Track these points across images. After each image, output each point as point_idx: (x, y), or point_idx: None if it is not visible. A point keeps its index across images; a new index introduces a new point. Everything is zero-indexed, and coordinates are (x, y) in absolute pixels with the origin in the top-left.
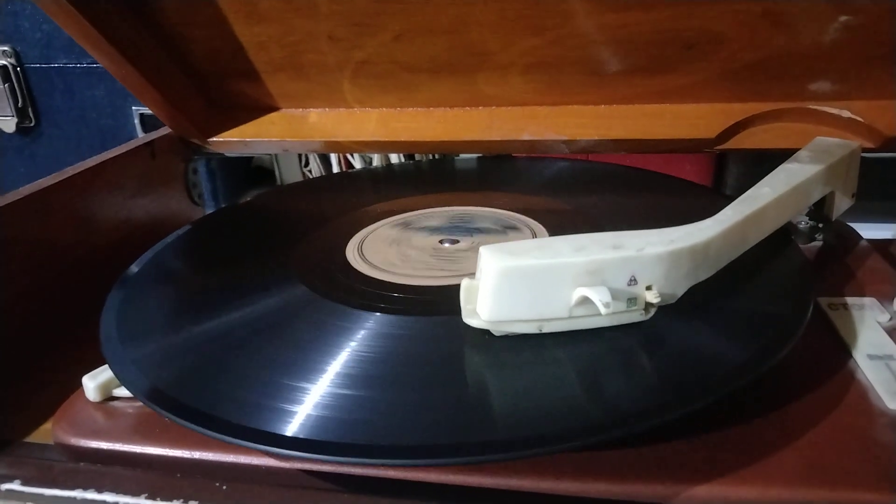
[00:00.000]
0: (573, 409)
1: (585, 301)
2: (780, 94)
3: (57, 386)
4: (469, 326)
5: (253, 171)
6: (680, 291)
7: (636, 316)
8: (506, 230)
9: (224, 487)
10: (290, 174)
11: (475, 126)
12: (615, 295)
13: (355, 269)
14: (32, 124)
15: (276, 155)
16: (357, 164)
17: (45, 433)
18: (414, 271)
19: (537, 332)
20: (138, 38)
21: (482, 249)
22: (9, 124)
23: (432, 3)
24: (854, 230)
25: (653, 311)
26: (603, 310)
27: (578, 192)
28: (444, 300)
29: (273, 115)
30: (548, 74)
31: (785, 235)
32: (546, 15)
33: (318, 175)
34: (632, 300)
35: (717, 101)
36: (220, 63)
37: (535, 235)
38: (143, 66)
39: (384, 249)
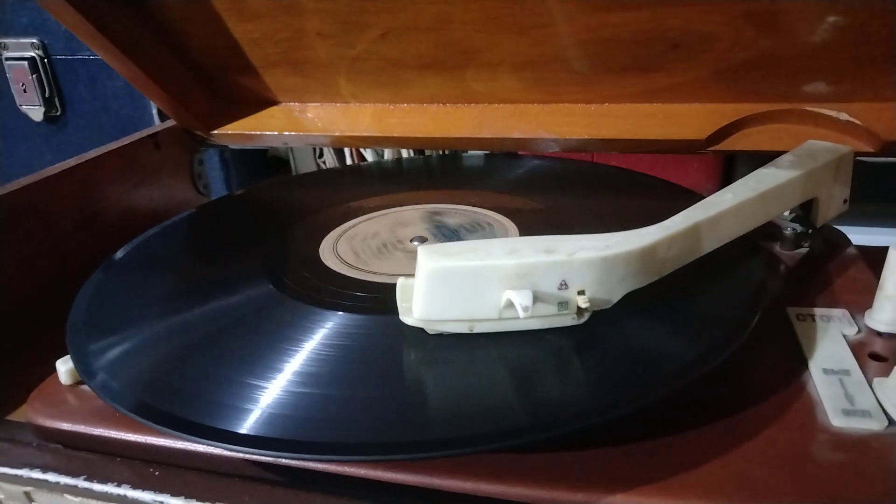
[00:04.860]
0: (494, 411)
1: (512, 303)
2: (774, 95)
3: (48, 367)
4: (409, 325)
5: (269, 161)
6: (615, 297)
7: (568, 320)
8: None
9: (157, 473)
10: (304, 165)
11: (466, 123)
12: (545, 298)
13: (325, 266)
14: (59, 113)
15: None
16: (369, 156)
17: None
18: (389, 269)
19: (469, 331)
20: (137, 33)
21: (419, 249)
22: (37, 113)
23: (413, 1)
24: (845, 236)
25: (587, 316)
26: (521, 313)
27: (570, 193)
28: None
29: (273, 108)
30: (536, 73)
31: (749, 242)
32: (528, 14)
33: (332, 166)
34: (563, 304)
35: (710, 102)
36: (219, 58)
37: None
38: (143, 61)
39: (360, 247)
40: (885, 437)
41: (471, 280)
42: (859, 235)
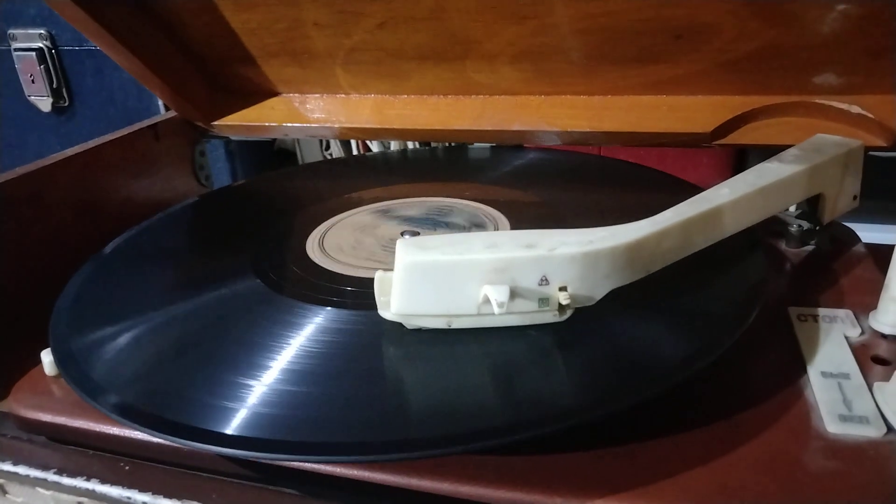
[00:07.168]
0: (474, 412)
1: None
2: (783, 87)
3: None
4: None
5: (276, 153)
6: (599, 294)
7: (549, 317)
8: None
9: (126, 468)
10: (311, 156)
11: (466, 115)
12: (525, 294)
13: (311, 260)
14: (66, 104)
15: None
16: (375, 147)
17: None
18: (367, 263)
19: (447, 327)
20: (136, 24)
21: (398, 242)
22: (45, 104)
23: None
24: (854, 234)
25: (569, 313)
26: (497, 309)
27: (567, 186)
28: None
29: (274, 100)
30: (536, 63)
31: (750, 238)
32: (525, 2)
33: (338, 157)
34: (543, 300)
35: (715, 94)
36: (219, 49)
37: None
38: (142, 52)
39: (345, 240)
40: (882, 445)
41: (448, 274)
42: (871, 233)
